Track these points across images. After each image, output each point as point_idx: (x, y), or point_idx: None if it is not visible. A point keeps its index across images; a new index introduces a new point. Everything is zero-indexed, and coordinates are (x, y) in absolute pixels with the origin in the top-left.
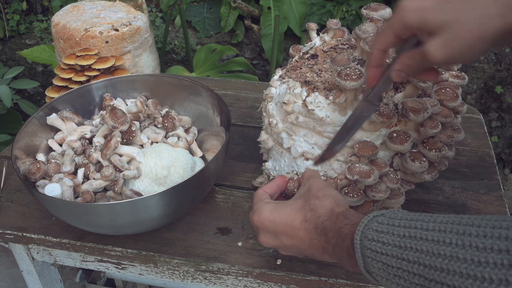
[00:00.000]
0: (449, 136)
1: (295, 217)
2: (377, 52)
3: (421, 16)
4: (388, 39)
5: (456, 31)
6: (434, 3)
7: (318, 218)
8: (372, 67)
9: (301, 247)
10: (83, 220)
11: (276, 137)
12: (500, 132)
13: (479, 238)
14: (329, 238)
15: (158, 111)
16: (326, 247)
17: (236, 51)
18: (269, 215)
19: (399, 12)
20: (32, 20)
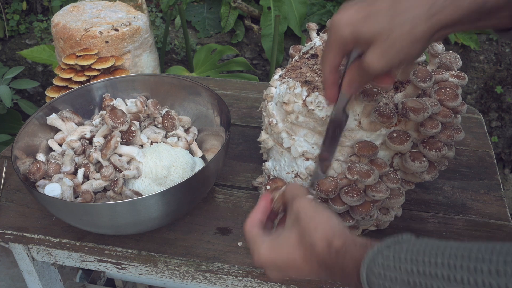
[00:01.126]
0: (449, 136)
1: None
2: (328, 73)
3: (353, 30)
4: (333, 57)
5: (387, 40)
6: (362, 15)
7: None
8: (328, 87)
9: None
10: (83, 220)
11: (276, 137)
12: (500, 132)
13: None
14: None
15: (158, 111)
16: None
17: (236, 51)
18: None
19: (334, 29)
20: (32, 20)
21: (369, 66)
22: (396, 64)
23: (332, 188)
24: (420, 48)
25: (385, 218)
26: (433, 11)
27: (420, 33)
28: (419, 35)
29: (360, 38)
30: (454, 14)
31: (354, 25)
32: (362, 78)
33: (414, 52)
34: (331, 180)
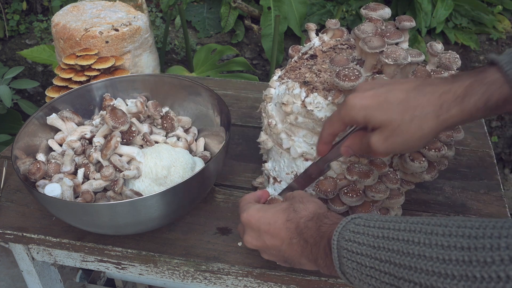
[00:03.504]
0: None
1: (279, 216)
2: (326, 135)
3: (365, 114)
4: (337, 127)
5: (395, 130)
6: (375, 102)
7: (300, 219)
8: (323, 144)
9: (281, 247)
10: (83, 220)
11: (276, 138)
12: (500, 132)
13: (445, 237)
14: (308, 236)
15: (158, 112)
16: (304, 247)
17: (236, 51)
18: (255, 214)
19: (347, 108)
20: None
21: (373, 146)
22: (397, 151)
23: (331, 189)
24: (425, 142)
25: None
26: (441, 111)
27: (427, 130)
28: (427, 131)
29: (371, 121)
30: (460, 114)
31: (367, 109)
32: (361, 149)
33: (417, 145)
34: (330, 180)
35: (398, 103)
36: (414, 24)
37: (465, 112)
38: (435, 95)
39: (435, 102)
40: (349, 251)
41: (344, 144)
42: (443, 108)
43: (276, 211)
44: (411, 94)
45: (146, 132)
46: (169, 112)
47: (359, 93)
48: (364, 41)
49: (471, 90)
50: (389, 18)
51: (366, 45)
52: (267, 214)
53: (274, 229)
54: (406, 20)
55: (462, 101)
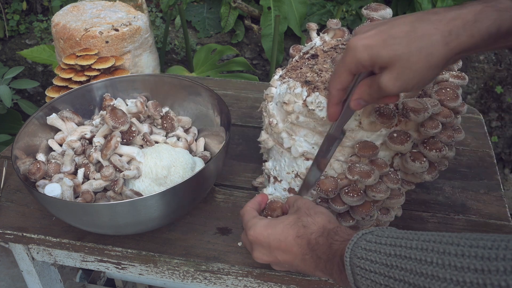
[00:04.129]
0: (450, 136)
1: (288, 233)
2: (336, 92)
3: (370, 53)
4: (345, 78)
5: (404, 64)
6: (380, 40)
7: (311, 235)
8: (333, 105)
9: (294, 262)
10: (83, 220)
11: (277, 137)
12: (500, 132)
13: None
14: (320, 253)
15: (158, 112)
16: (318, 263)
17: (236, 51)
18: (263, 231)
19: (351, 52)
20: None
21: (385, 88)
22: (410, 87)
23: (332, 188)
24: (436, 73)
25: (385, 218)
26: (450, 37)
27: (437, 59)
28: (436, 60)
29: (378, 61)
30: (471, 39)
31: (372, 49)
32: (372, 96)
33: (429, 77)
34: (331, 180)
35: (403, 36)
36: None
37: (476, 38)
38: (443, 22)
39: (442, 29)
40: (362, 269)
41: (353, 98)
42: (452, 34)
43: (284, 227)
44: (416, 25)
45: (146, 132)
46: (169, 112)
47: (360, 35)
48: None
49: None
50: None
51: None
52: (276, 230)
53: (285, 245)
54: None
55: (473, 26)
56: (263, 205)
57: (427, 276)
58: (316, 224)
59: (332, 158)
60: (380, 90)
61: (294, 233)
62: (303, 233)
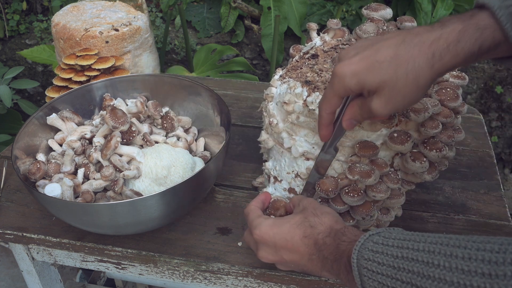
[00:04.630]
0: (450, 136)
1: (295, 232)
2: (326, 115)
3: (358, 80)
4: (334, 102)
5: (392, 89)
6: (366, 66)
7: (318, 235)
8: (324, 127)
9: (301, 262)
10: (83, 220)
11: (277, 137)
12: (500, 132)
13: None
14: (327, 254)
15: (158, 112)
16: (325, 263)
17: (236, 51)
18: (269, 230)
19: (338, 78)
20: (32, 20)
21: (375, 111)
22: (400, 109)
23: (332, 188)
24: (423, 93)
25: (385, 218)
26: (434, 60)
27: (424, 81)
28: (423, 83)
29: (365, 87)
30: (454, 59)
31: (359, 76)
32: (363, 116)
33: (417, 98)
34: (331, 180)
35: (389, 61)
36: (415, 25)
37: (459, 58)
38: (426, 44)
39: (426, 51)
40: (369, 270)
41: (344, 118)
42: (436, 56)
43: (291, 226)
44: (400, 48)
45: (146, 132)
46: (169, 112)
47: (346, 61)
48: None
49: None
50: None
51: None
52: (282, 229)
53: (291, 245)
54: (407, 21)
55: (455, 47)
56: (267, 203)
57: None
58: (323, 224)
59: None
60: (371, 112)
61: (301, 232)
62: (310, 233)
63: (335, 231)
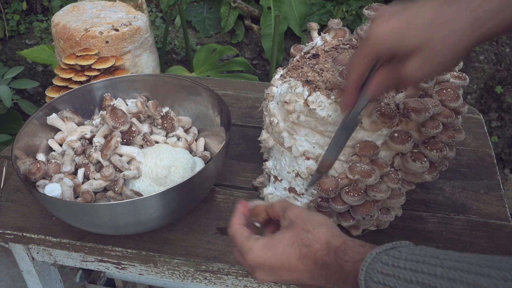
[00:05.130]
0: (450, 137)
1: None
2: (353, 80)
3: (395, 39)
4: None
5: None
6: (404, 26)
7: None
8: (350, 93)
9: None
10: (83, 220)
11: (277, 136)
12: (500, 132)
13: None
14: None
15: (158, 113)
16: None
17: (236, 51)
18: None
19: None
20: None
21: (409, 76)
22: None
23: (333, 188)
24: (459, 60)
25: (385, 218)
26: (478, 23)
27: (464, 46)
28: (463, 48)
29: (401, 49)
30: (500, 24)
31: (396, 36)
32: (393, 83)
33: (453, 65)
34: (332, 179)
35: (428, 22)
36: None
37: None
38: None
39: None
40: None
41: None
42: (476, 23)
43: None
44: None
45: (146, 132)
46: (169, 112)
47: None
48: None
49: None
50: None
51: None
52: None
53: (289, 266)
54: None
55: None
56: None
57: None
58: (319, 241)
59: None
60: (402, 77)
61: (296, 253)
62: (306, 253)
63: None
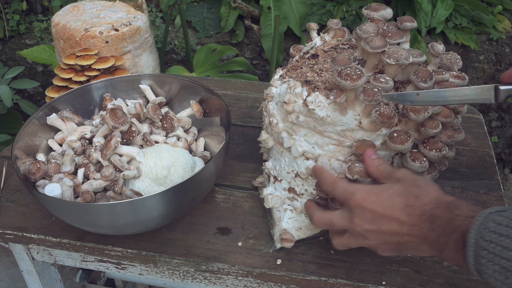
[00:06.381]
0: (450, 136)
1: (395, 201)
2: None
3: None
4: None
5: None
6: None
7: (424, 206)
8: None
9: (400, 232)
10: (83, 220)
11: (277, 137)
12: (500, 132)
13: None
14: (435, 226)
15: (157, 116)
16: (428, 236)
17: (236, 51)
18: (367, 197)
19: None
20: (32, 20)
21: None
22: None
23: None
24: None
25: None
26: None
27: None
28: None
29: None
30: None
31: None
32: None
33: None
34: None
35: None
36: (415, 25)
37: None
38: None
39: None
40: (490, 253)
41: None
42: None
43: (390, 196)
44: None
45: (146, 132)
46: (168, 112)
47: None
48: (366, 41)
49: None
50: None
51: (368, 45)
52: (381, 198)
53: (391, 213)
54: (407, 21)
55: None
56: None
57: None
58: (429, 195)
59: (332, 158)
60: None
61: (402, 202)
62: (413, 203)
63: (445, 203)
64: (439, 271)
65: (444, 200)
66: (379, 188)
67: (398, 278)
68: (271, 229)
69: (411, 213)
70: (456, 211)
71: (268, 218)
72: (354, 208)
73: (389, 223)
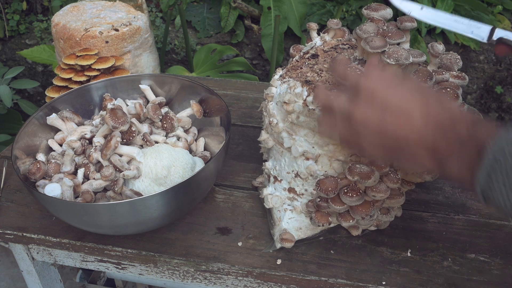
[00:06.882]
0: None
1: (408, 95)
2: None
3: None
4: None
5: None
6: None
7: (444, 114)
8: None
9: (405, 128)
10: (83, 220)
11: (277, 137)
12: None
13: None
14: (449, 133)
15: (157, 116)
16: (436, 142)
17: (236, 51)
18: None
19: None
20: (32, 20)
21: None
22: None
23: (332, 188)
24: None
25: (385, 218)
26: None
27: None
28: None
29: None
30: None
31: None
32: None
33: None
34: (331, 179)
35: None
36: (415, 25)
37: None
38: None
39: None
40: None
41: None
42: None
43: (411, 90)
44: None
45: (146, 132)
46: (168, 112)
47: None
48: (366, 41)
49: None
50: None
51: (368, 45)
52: (399, 89)
53: (400, 105)
54: (407, 21)
55: None
56: None
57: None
58: (451, 108)
59: (332, 158)
60: None
61: (424, 101)
62: (434, 108)
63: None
64: (439, 271)
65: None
66: (399, 80)
67: (398, 278)
68: (271, 229)
69: (422, 109)
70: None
71: (268, 218)
72: (361, 90)
73: (396, 117)
